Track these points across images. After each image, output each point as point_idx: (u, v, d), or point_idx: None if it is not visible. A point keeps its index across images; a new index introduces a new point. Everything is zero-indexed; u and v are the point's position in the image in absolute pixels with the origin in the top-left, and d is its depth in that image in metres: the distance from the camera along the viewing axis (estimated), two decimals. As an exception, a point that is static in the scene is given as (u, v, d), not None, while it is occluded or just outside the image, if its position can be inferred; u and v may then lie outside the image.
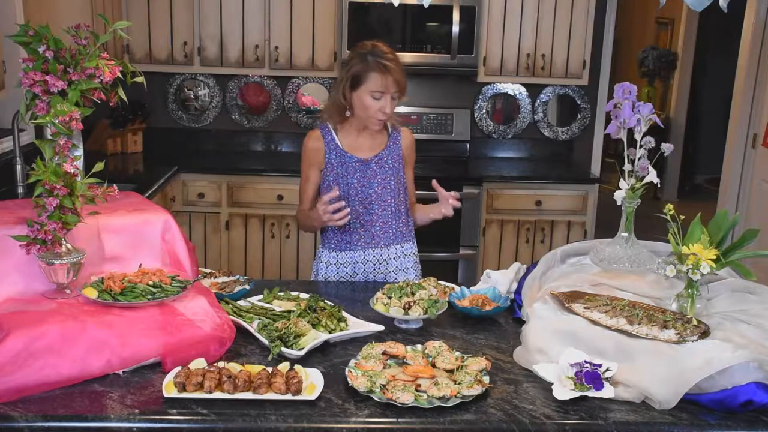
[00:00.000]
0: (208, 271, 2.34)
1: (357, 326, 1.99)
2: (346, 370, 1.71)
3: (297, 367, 1.70)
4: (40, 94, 1.75)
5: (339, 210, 2.39)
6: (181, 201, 4.40)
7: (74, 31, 1.82)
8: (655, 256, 2.05)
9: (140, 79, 1.88)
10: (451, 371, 1.73)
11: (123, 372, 1.71)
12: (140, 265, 1.97)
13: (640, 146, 2.00)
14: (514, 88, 5.05)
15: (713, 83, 8.22)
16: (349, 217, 2.45)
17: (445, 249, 4.46)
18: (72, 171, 1.79)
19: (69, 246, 1.84)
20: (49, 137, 1.78)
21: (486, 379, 1.69)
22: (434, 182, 2.54)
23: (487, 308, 2.12)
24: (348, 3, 4.41)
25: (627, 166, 2.03)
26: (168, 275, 1.93)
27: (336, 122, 2.55)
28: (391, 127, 2.61)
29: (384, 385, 1.63)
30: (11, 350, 1.59)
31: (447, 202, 2.52)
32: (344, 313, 2.04)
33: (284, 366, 1.70)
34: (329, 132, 2.55)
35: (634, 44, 9.05)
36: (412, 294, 2.10)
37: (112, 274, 1.89)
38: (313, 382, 1.66)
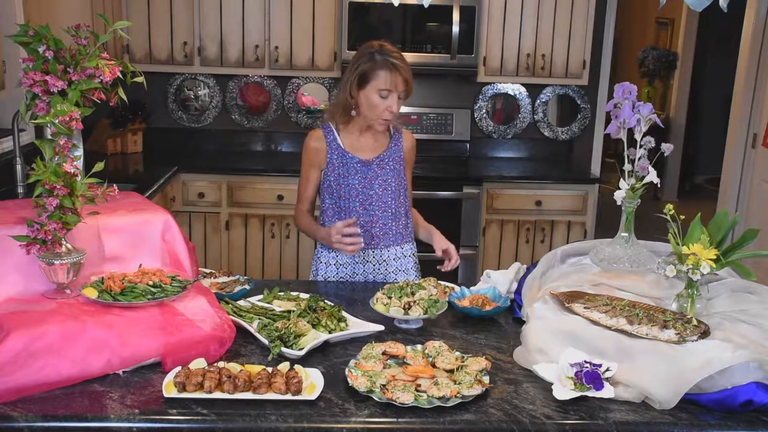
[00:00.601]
0: (208, 271, 2.34)
1: (357, 326, 1.99)
2: (346, 370, 1.71)
3: (297, 367, 1.70)
4: (40, 94, 1.75)
5: (352, 238, 2.38)
6: (181, 201, 4.40)
7: (74, 31, 1.82)
8: (655, 256, 2.05)
9: (140, 79, 1.88)
10: (451, 371, 1.73)
11: (123, 372, 1.71)
12: (140, 265, 1.97)
13: (640, 146, 2.00)
14: (514, 88, 5.05)
15: (713, 83, 8.22)
16: (361, 246, 2.42)
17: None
18: (72, 171, 1.79)
19: (69, 246, 1.84)
20: (49, 137, 1.78)
21: (486, 379, 1.69)
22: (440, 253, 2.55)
23: (487, 308, 2.12)
24: (348, 3, 4.41)
25: (627, 166, 2.03)
26: (168, 275, 1.93)
27: (339, 122, 2.55)
28: (393, 129, 2.61)
29: (384, 385, 1.63)
30: (11, 350, 1.59)
31: (447, 262, 2.51)
32: (344, 313, 2.04)
33: (284, 366, 1.70)
34: (331, 132, 2.55)
35: (634, 44, 9.05)
36: (412, 294, 2.10)
37: (112, 274, 1.89)
38: (313, 382, 1.66)
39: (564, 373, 1.69)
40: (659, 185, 2.22)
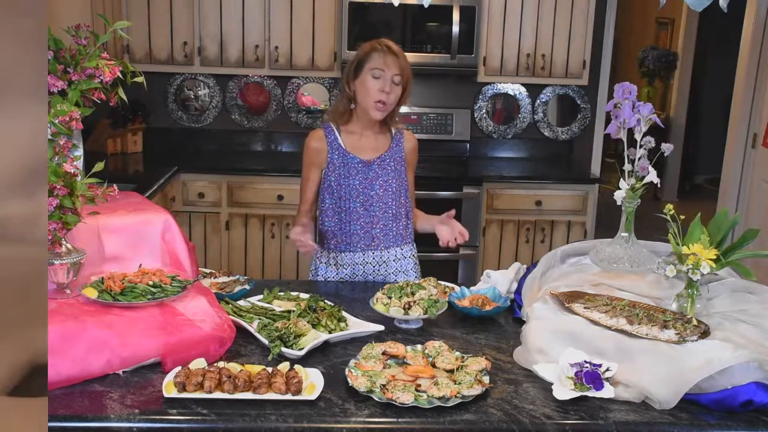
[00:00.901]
0: (208, 271, 2.35)
1: (357, 326, 1.99)
2: (346, 370, 1.71)
3: (297, 367, 1.70)
4: (40, 94, 1.75)
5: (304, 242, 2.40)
6: (181, 201, 4.40)
7: (74, 31, 1.82)
8: (655, 256, 2.05)
9: (140, 79, 1.88)
10: (451, 371, 1.73)
11: (123, 372, 1.71)
12: (140, 265, 1.97)
13: (640, 146, 2.00)
14: (514, 88, 5.05)
15: (713, 83, 8.22)
16: (311, 250, 2.41)
17: (444, 249, 4.44)
18: (72, 171, 1.79)
19: (69, 246, 1.84)
20: (49, 137, 1.78)
21: (486, 379, 1.69)
22: (450, 216, 2.57)
23: (487, 308, 2.12)
24: (348, 3, 4.41)
25: (627, 166, 2.03)
26: (168, 275, 1.93)
27: (340, 123, 2.56)
28: (395, 130, 2.61)
29: (384, 385, 1.63)
30: (11, 350, 1.59)
31: (454, 234, 2.52)
32: (344, 313, 2.04)
33: (284, 366, 1.70)
34: (332, 132, 2.55)
35: (634, 44, 9.04)
36: (412, 294, 2.10)
37: (112, 274, 1.89)
38: (313, 382, 1.66)
39: (564, 373, 1.69)
40: (659, 185, 2.22)
